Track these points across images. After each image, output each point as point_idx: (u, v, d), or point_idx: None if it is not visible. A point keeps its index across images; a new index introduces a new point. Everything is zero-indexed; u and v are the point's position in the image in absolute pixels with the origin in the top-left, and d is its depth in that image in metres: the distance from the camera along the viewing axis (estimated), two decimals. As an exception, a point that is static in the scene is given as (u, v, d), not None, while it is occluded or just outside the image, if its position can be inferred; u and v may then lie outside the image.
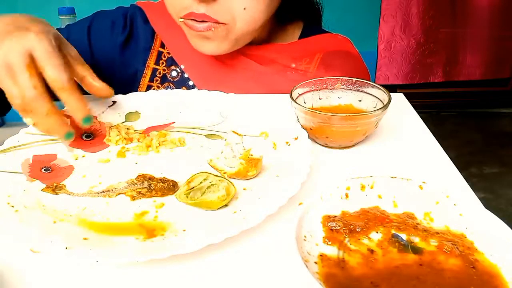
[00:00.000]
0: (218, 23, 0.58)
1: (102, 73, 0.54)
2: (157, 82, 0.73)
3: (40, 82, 0.43)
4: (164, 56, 0.73)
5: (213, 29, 0.58)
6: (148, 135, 0.52)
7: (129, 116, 0.56)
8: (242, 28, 0.60)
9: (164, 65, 0.73)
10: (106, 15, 0.73)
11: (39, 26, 0.45)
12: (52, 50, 0.44)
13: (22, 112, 0.44)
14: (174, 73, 0.72)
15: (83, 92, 0.59)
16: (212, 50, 0.63)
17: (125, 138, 0.51)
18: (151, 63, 0.72)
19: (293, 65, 0.70)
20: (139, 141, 0.51)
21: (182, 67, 0.71)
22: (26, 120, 0.44)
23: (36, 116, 0.43)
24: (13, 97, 0.43)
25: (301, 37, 0.75)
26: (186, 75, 0.72)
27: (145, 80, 0.73)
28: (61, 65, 0.44)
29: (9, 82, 0.43)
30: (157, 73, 0.73)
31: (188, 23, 0.59)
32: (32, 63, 0.43)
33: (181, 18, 0.60)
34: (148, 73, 0.73)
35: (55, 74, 0.43)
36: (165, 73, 0.73)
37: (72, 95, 0.44)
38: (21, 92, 0.42)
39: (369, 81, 0.54)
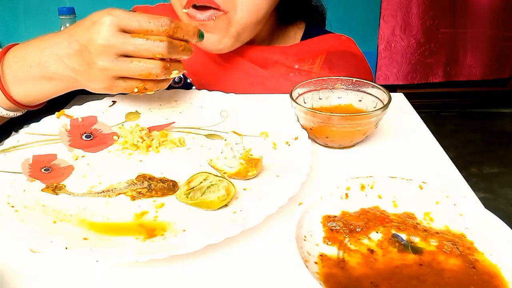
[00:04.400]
0: (220, 10, 0.58)
1: None
2: None
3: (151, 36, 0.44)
4: None
5: (214, 18, 0.59)
6: (150, 135, 0.52)
7: (129, 116, 0.56)
8: (244, 17, 0.60)
9: None
10: None
11: (99, 11, 0.45)
12: (131, 12, 0.44)
13: (163, 71, 0.45)
14: (177, 79, 0.72)
15: (76, 94, 0.60)
16: (214, 43, 0.62)
17: (138, 141, 0.51)
18: None
19: (297, 66, 0.70)
20: (142, 139, 0.51)
21: (185, 72, 0.71)
22: (172, 75, 0.47)
23: (180, 64, 0.47)
24: (149, 68, 0.44)
25: (303, 38, 0.75)
26: (189, 80, 0.71)
27: None
28: (150, 16, 0.44)
29: (133, 63, 0.44)
30: None
31: (190, 13, 0.59)
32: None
33: (184, 8, 0.60)
34: None
35: (156, 23, 0.44)
36: None
37: (182, 26, 0.46)
38: (154, 54, 0.44)
39: (370, 81, 0.54)
